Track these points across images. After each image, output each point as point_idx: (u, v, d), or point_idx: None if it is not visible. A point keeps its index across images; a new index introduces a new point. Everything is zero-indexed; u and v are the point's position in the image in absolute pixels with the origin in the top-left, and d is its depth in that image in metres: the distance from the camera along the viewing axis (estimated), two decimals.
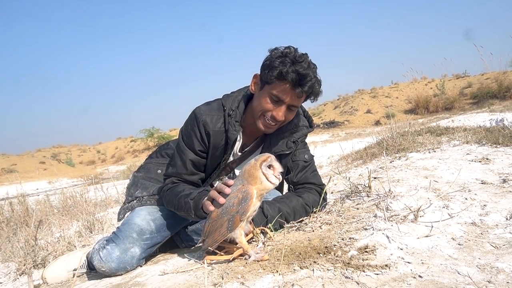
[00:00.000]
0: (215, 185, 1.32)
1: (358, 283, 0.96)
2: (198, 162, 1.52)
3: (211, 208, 1.25)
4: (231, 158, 1.58)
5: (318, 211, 1.59)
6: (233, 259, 1.23)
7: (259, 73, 1.46)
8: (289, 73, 1.34)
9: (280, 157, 1.53)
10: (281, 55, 1.37)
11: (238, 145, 1.56)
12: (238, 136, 1.53)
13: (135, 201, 1.60)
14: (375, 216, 1.46)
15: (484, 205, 1.54)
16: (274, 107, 1.42)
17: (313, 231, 1.43)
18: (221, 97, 1.56)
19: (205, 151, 1.51)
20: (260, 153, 1.58)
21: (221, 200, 1.23)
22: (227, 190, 1.23)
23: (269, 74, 1.38)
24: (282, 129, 1.55)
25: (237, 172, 1.62)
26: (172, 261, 1.44)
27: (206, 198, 1.31)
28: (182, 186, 1.49)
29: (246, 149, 1.60)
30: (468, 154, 2.66)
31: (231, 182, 1.26)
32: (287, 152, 1.55)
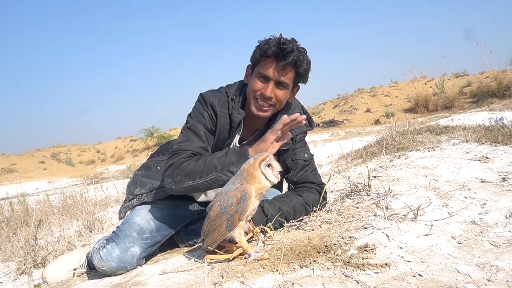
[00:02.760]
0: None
1: (358, 282, 0.96)
2: (210, 138, 1.52)
3: (273, 137, 1.34)
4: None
5: (318, 210, 1.59)
6: (233, 258, 1.23)
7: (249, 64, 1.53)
8: (270, 48, 1.40)
9: (278, 154, 1.54)
10: (265, 41, 1.45)
11: (237, 137, 1.57)
12: (240, 124, 1.55)
13: (135, 199, 1.61)
14: (375, 215, 1.46)
15: (484, 203, 1.54)
16: (262, 85, 1.45)
17: (313, 230, 1.43)
18: (224, 86, 1.60)
19: (214, 130, 1.53)
20: None
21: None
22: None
23: (254, 56, 1.46)
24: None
25: None
26: (172, 261, 1.44)
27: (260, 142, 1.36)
28: (205, 156, 1.42)
29: (244, 142, 1.60)
30: (467, 152, 2.66)
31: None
32: (285, 148, 1.56)
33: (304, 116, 1.32)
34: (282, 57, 1.40)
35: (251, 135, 1.61)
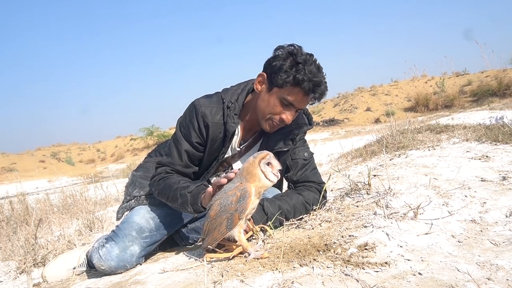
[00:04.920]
0: (212, 180, 1.32)
1: (357, 281, 0.96)
2: (193, 155, 1.51)
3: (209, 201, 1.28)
4: (229, 153, 1.58)
5: (318, 208, 1.59)
6: (233, 257, 1.23)
7: (265, 73, 1.45)
8: (305, 81, 1.35)
9: (278, 154, 1.53)
10: (292, 60, 1.37)
11: (236, 139, 1.56)
12: (236, 130, 1.53)
13: (133, 201, 1.60)
14: (375, 213, 1.46)
15: (484, 202, 1.54)
16: (284, 110, 1.43)
17: (312, 228, 1.43)
18: (220, 90, 1.56)
19: (203, 143, 1.50)
20: (258, 150, 1.58)
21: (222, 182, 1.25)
22: (223, 180, 1.25)
23: (280, 78, 1.37)
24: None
25: (235, 167, 1.62)
26: (172, 259, 1.44)
27: (204, 193, 1.32)
28: (176, 177, 1.47)
29: (244, 145, 1.59)
30: (467, 151, 2.65)
31: (232, 175, 1.25)
32: (285, 149, 1.55)
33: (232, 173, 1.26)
34: (312, 91, 1.39)
35: (250, 137, 1.61)
